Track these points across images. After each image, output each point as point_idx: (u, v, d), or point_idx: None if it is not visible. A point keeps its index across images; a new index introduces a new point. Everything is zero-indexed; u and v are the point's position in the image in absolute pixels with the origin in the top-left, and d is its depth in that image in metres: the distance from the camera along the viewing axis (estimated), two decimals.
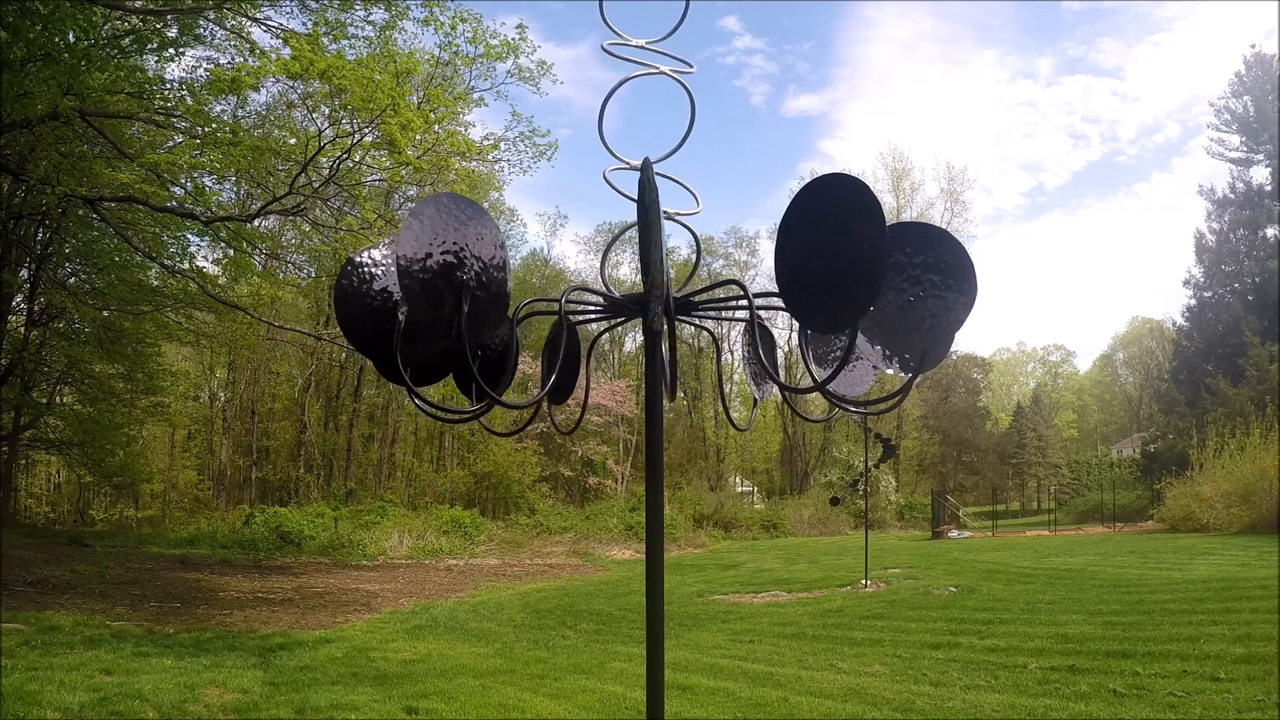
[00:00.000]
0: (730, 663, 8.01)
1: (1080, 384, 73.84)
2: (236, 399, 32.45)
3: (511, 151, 15.21)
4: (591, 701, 6.58)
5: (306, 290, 22.91)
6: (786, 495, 39.42)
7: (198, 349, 25.78)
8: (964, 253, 1.73)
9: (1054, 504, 37.04)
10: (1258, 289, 33.31)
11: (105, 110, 11.62)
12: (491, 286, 1.84)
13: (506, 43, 12.71)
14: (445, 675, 7.53)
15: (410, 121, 11.02)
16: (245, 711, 6.15)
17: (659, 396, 2.13)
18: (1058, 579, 12.57)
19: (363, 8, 11.47)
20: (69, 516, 30.09)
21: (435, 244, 1.75)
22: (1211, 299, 35.71)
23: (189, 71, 15.66)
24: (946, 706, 6.21)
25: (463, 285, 1.78)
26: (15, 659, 7.17)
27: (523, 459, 31.17)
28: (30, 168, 12.52)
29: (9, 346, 17.82)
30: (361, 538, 20.64)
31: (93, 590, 11.84)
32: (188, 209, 12.96)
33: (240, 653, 8.29)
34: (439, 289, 1.76)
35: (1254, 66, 35.68)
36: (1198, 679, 6.50)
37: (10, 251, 17.12)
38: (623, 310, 2.18)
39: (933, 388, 48.45)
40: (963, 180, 45.63)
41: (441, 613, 11.72)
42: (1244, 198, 35.43)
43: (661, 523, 2.09)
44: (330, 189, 13.00)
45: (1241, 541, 17.62)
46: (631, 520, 25.74)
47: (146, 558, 16.95)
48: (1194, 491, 23.19)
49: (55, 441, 21.70)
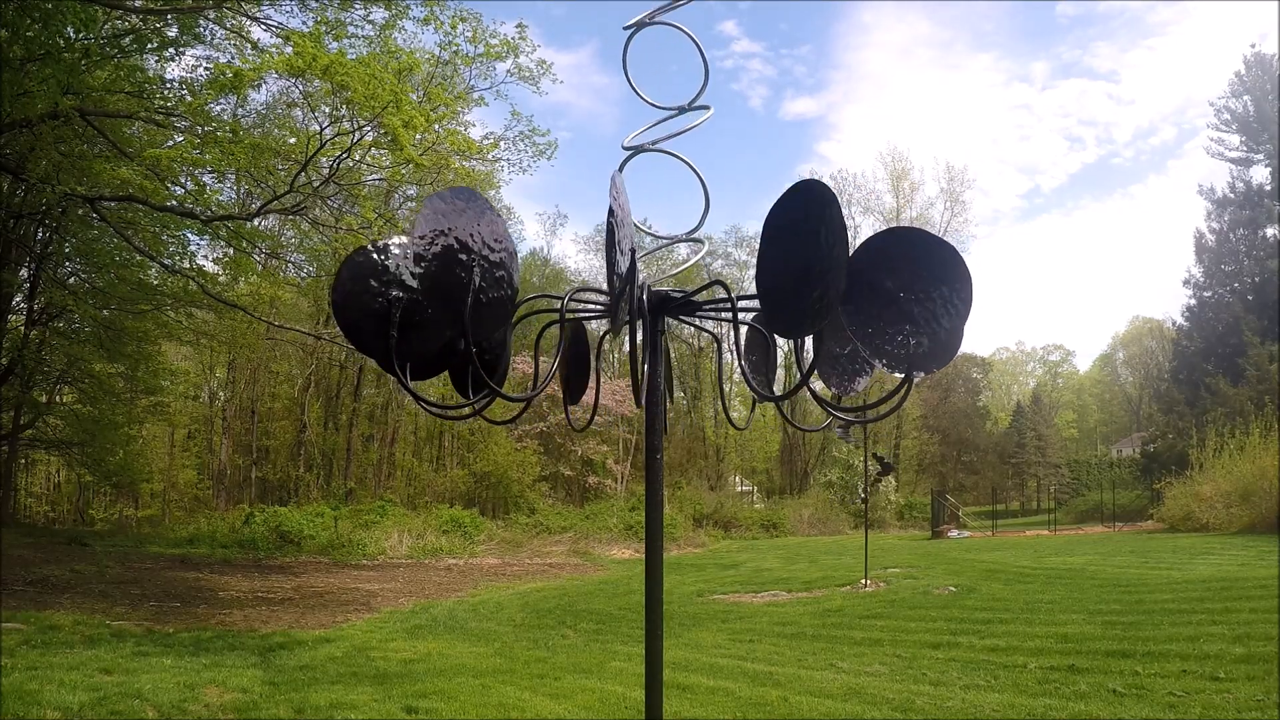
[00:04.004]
0: (730, 662, 8.01)
1: (1080, 384, 73.81)
2: (236, 398, 32.43)
3: (511, 151, 15.20)
4: (591, 701, 6.58)
5: (306, 289, 22.87)
6: (786, 495, 39.41)
7: (198, 348, 25.74)
8: (958, 258, 1.73)
9: (1054, 504, 37.03)
10: (1258, 289, 33.30)
11: (105, 109, 11.63)
12: (500, 280, 1.85)
13: (506, 42, 12.72)
14: (445, 675, 7.52)
15: (413, 119, 11.02)
16: (245, 711, 6.15)
17: (660, 396, 2.13)
18: (1057, 579, 12.57)
19: (362, 7, 11.48)
20: (69, 516, 30.09)
21: (446, 233, 1.77)
22: (1211, 299, 35.69)
23: (189, 71, 15.67)
24: (946, 706, 6.20)
25: (471, 276, 1.79)
26: (15, 658, 7.17)
27: (522, 458, 31.16)
28: (30, 167, 12.53)
29: (9, 346, 17.81)
30: (361, 537, 20.63)
31: (92, 590, 11.83)
32: (187, 208, 12.96)
33: (240, 652, 8.28)
34: (448, 278, 1.77)
35: (1254, 66, 35.67)
36: (1197, 679, 6.50)
37: (10, 251, 17.12)
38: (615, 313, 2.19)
39: (932, 387, 48.44)
40: (962, 180, 45.59)
41: (441, 612, 11.72)
42: (1244, 197, 35.41)
43: (661, 522, 2.10)
44: (330, 188, 13.00)
45: (1241, 541, 17.62)
46: (631, 520, 25.74)
47: (146, 557, 16.94)
48: (1194, 491, 23.20)
49: (55, 441, 21.69)
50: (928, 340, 1.75)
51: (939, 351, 1.79)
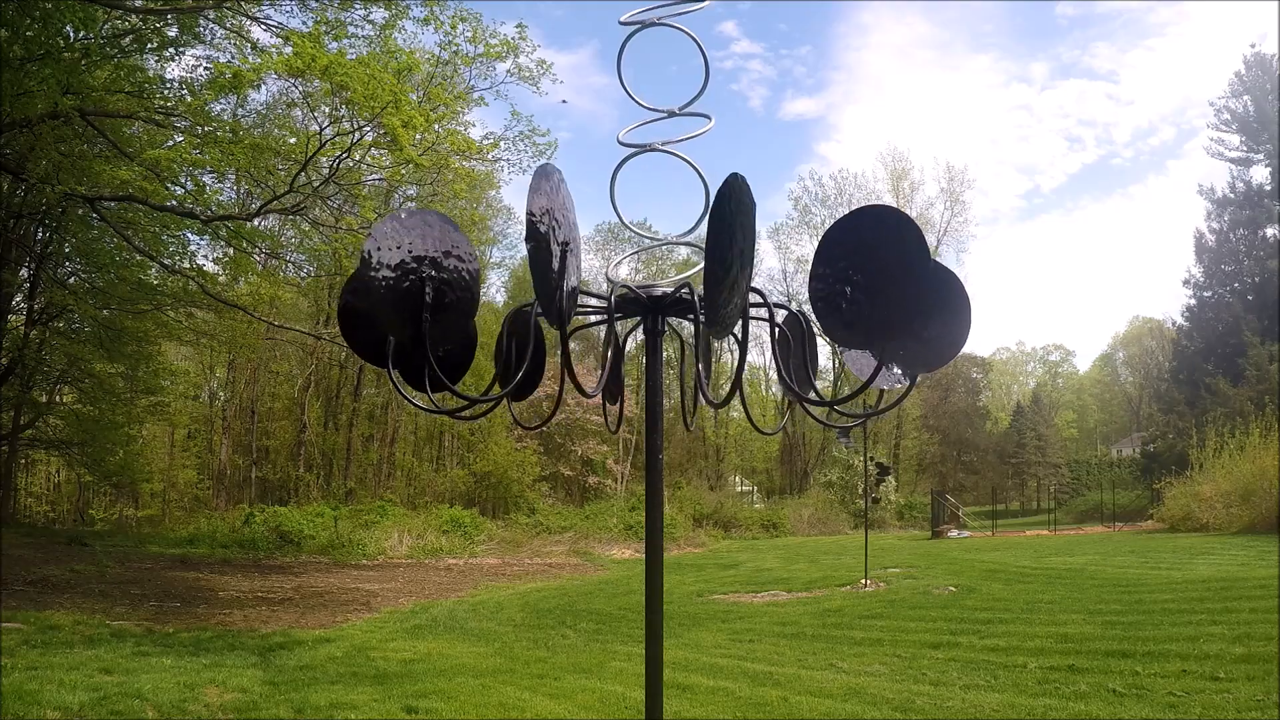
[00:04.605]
0: (730, 662, 8.01)
1: (1080, 384, 73.78)
2: (236, 398, 32.42)
3: (511, 151, 15.17)
4: (591, 701, 6.58)
5: (306, 289, 22.90)
6: (786, 495, 39.41)
7: (197, 348, 25.76)
8: (957, 283, 1.76)
9: (1054, 504, 37.00)
10: (1258, 289, 33.29)
11: (105, 109, 11.62)
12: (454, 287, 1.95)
13: (506, 42, 12.70)
14: (445, 675, 7.52)
15: (412, 119, 11.01)
16: (245, 711, 6.15)
17: (659, 398, 2.13)
18: (1057, 579, 12.57)
19: (362, 7, 11.47)
20: (69, 516, 30.06)
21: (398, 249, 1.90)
22: (1211, 299, 35.68)
23: (189, 71, 15.66)
24: (946, 706, 6.20)
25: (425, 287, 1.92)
26: (15, 658, 7.17)
27: (522, 458, 31.16)
28: (30, 167, 12.52)
29: (9, 346, 17.81)
30: (361, 537, 20.63)
31: (92, 590, 11.83)
32: (187, 208, 12.96)
33: (240, 652, 8.28)
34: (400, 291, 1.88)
35: (1254, 66, 35.67)
36: (1197, 679, 6.50)
37: (10, 251, 17.12)
38: (627, 309, 2.19)
39: (933, 387, 48.43)
40: (962, 180, 45.51)
41: (441, 612, 11.72)
42: (1244, 197, 35.41)
43: (661, 522, 2.09)
44: (330, 188, 12.99)
45: (1241, 541, 17.62)
46: (631, 520, 25.74)
47: (146, 557, 16.94)
48: (1194, 491, 23.19)
49: (55, 441, 21.69)
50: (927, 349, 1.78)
51: (935, 356, 1.82)
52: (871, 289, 1.64)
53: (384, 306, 1.88)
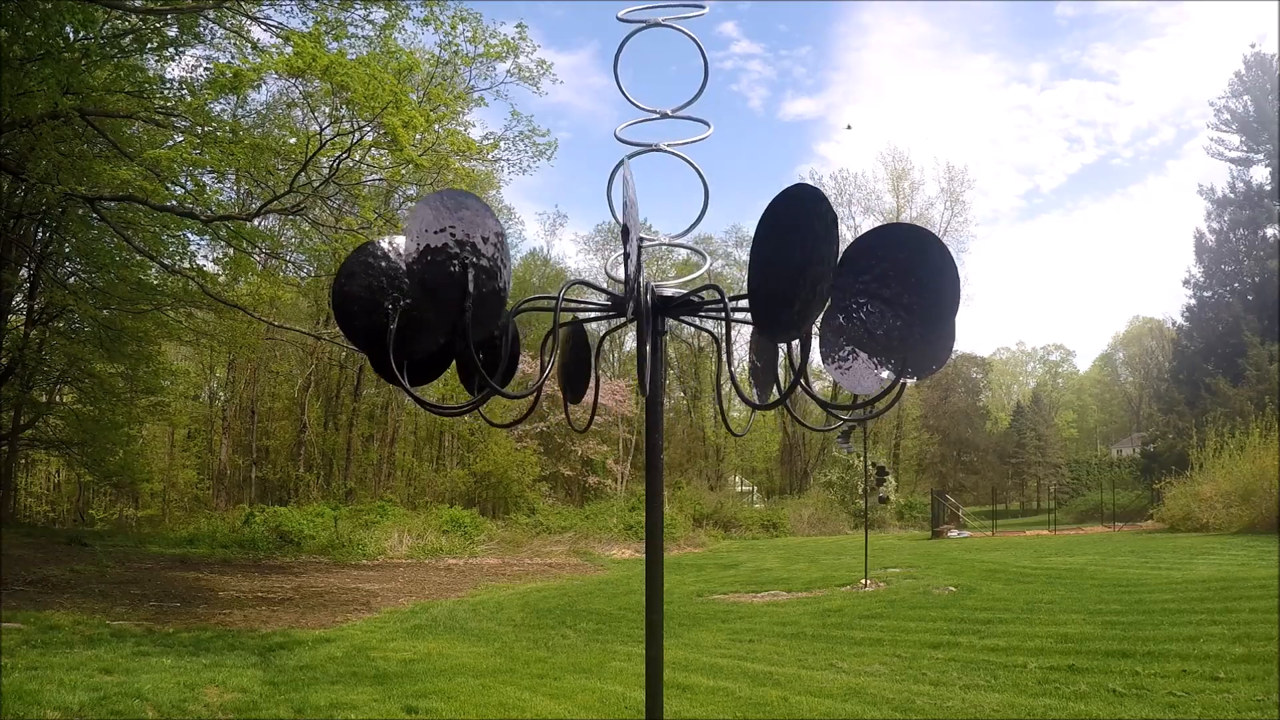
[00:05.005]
0: (730, 662, 8.01)
1: (1080, 384, 73.76)
2: (236, 398, 32.42)
3: (511, 151, 15.17)
4: (591, 701, 6.58)
5: (306, 290, 22.86)
6: (786, 495, 39.39)
7: (197, 348, 25.74)
8: (942, 248, 1.74)
9: (1054, 504, 36.99)
10: (1258, 289, 33.28)
11: (105, 109, 11.62)
12: (494, 275, 1.86)
13: (506, 42, 12.70)
14: (445, 675, 7.52)
15: (412, 119, 11.01)
16: (245, 711, 6.15)
17: (660, 398, 2.13)
18: (1057, 579, 12.57)
19: (362, 7, 11.47)
20: (69, 516, 30.05)
21: (440, 233, 1.77)
22: (1211, 299, 35.67)
23: (189, 71, 15.64)
24: (946, 706, 6.20)
25: (468, 273, 1.80)
26: (15, 658, 7.17)
27: (522, 458, 31.14)
28: (30, 167, 12.52)
29: (9, 346, 17.81)
30: (361, 537, 20.63)
31: (92, 590, 11.83)
32: (187, 208, 12.96)
33: (240, 652, 8.28)
34: (444, 277, 1.77)
35: (1254, 66, 35.66)
36: (1197, 679, 6.50)
37: (10, 251, 17.12)
38: (621, 307, 2.19)
39: (932, 387, 48.40)
40: (962, 180, 45.50)
41: (441, 612, 11.72)
42: (1244, 197, 35.40)
43: (661, 522, 2.10)
44: (330, 188, 12.99)
45: (1241, 541, 17.61)
46: (631, 520, 25.73)
47: (146, 557, 16.94)
48: (1194, 491, 23.18)
49: (55, 441, 21.68)
50: (919, 338, 1.76)
51: (930, 354, 1.80)
52: (783, 276, 1.63)
53: (423, 294, 1.78)
